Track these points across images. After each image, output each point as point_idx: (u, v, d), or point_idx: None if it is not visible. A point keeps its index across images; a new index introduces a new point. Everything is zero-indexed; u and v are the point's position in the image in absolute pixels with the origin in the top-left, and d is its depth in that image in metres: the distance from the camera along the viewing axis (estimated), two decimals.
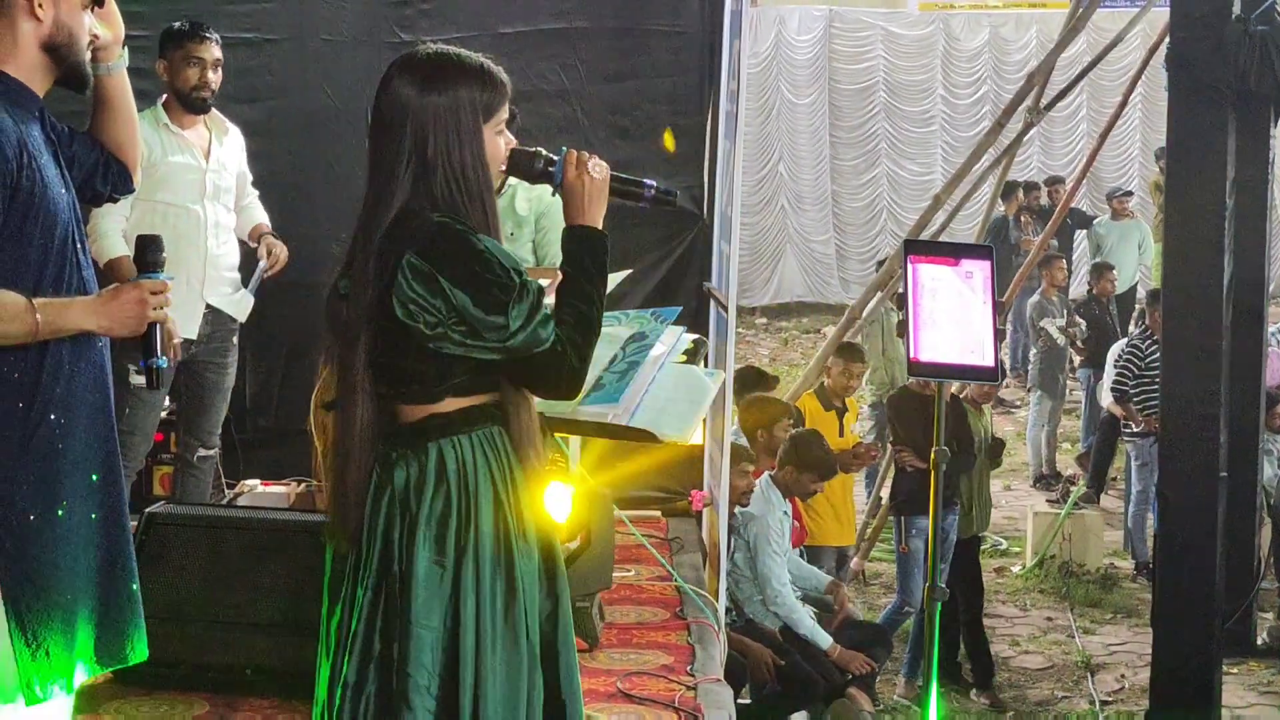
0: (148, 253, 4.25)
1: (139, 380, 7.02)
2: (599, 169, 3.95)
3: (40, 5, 3.96)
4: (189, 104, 7.14)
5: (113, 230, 6.93)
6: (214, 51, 7.17)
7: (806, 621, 8.64)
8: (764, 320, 21.99)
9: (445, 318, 3.69)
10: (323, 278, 7.95)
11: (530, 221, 7.37)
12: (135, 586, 4.24)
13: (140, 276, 4.18)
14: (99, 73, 4.25)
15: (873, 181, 23.19)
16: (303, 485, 8.16)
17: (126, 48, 4.37)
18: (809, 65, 22.91)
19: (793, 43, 22.79)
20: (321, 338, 4.04)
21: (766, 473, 8.88)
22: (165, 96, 7.22)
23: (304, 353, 8.25)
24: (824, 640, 8.66)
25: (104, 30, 4.20)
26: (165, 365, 4.38)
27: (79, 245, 4.13)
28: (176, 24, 7.23)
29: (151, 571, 5.66)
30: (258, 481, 8.11)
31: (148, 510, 6.02)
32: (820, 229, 23.12)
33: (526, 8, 8.87)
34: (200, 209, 7.17)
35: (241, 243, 7.47)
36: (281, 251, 7.36)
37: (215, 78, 7.19)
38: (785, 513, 8.82)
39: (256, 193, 7.56)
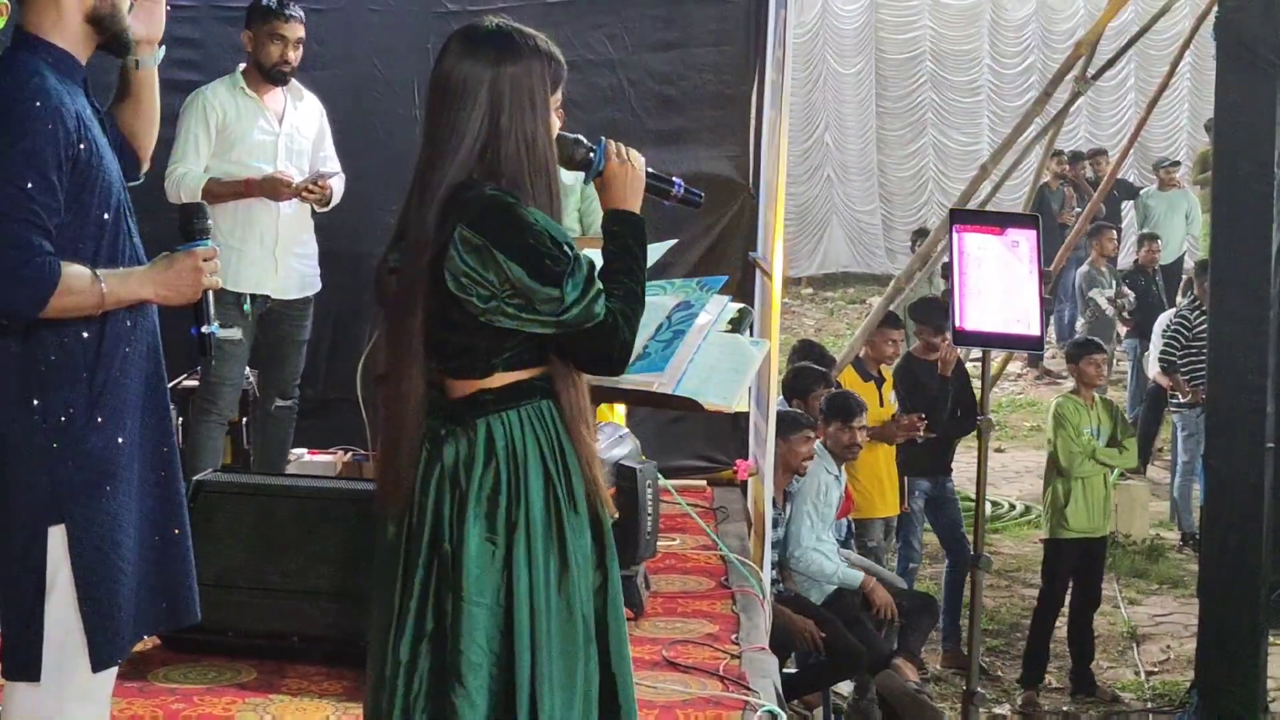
0: (194, 221, 4.27)
1: (222, 334, 7.12)
2: (638, 160, 3.99)
3: None
4: (269, 77, 7.34)
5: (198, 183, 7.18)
6: (297, 30, 7.35)
7: (829, 566, 8.61)
8: (810, 290, 21.98)
9: (499, 290, 3.70)
10: (369, 247, 8.08)
11: (575, 190, 7.40)
12: (189, 550, 4.28)
13: (187, 245, 4.20)
14: (129, 65, 4.28)
15: (919, 151, 23.14)
16: (350, 454, 8.21)
17: (163, 46, 4.39)
18: (855, 35, 22.85)
19: (839, 12, 22.73)
20: (371, 308, 4.05)
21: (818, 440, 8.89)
22: (245, 65, 7.36)
23: (351, 322, 8.28)
24: (854, 578, 8.66)
25: (140, 28, 4.22)
26: (217, 331, 4.39)
27: (129, 213, 4.16)
28: (267, 0, 7.34)
29: (200, 539, 5.63)
30: (305, 450, 8.16)
31: (196, 478, 6.05)
32: (866, 199, 23.09)
33: None
34: (273, 171, 7.27)
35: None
36: (330, 192, 7.46)
37: (296, 55, 7.39)
38: (835, 477, 8.82)
39: (339, 171, 7.62)
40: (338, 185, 7.55)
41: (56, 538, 3.99)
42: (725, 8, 8.90)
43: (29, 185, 3.84)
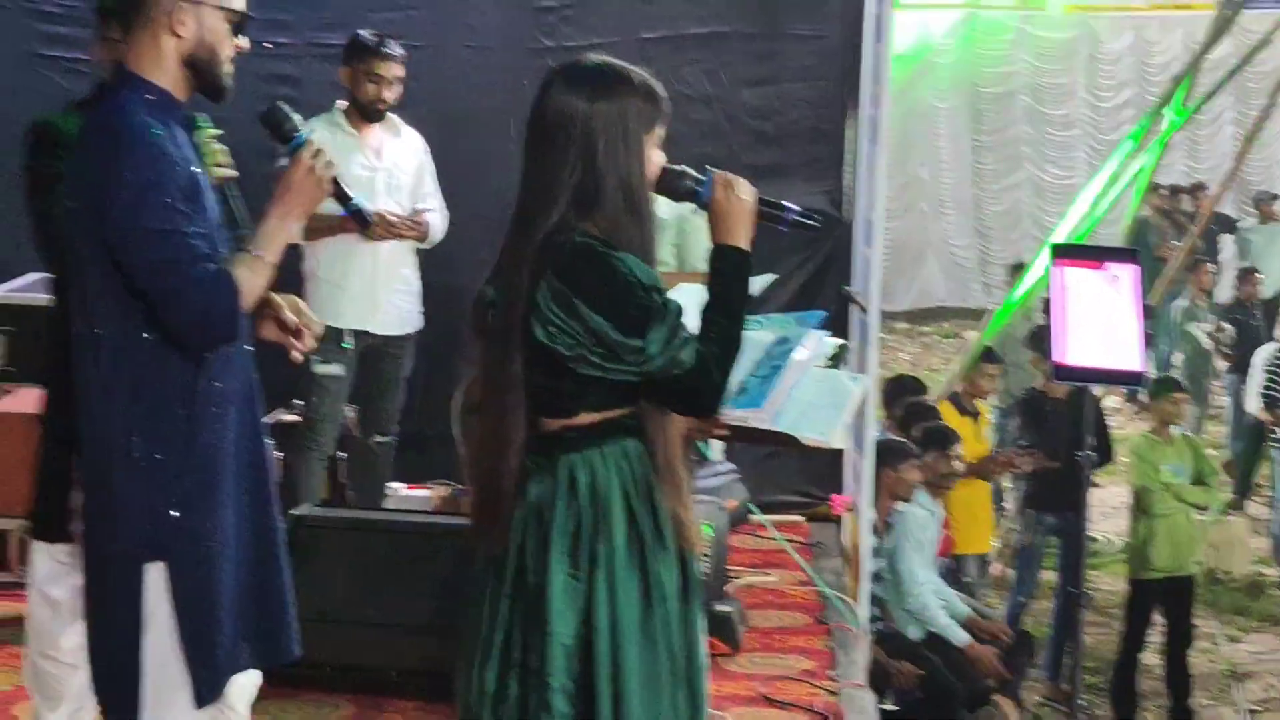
0: (282, 125, 4.24)
1: (322, 369, 7.20)
2: (746, 191, 3.95)
3: (182, 23, 4.02)
4: (365, 114, 7.36)
5: None
6: (395, 69, 7.39)
7: (941, 617, 8.58)
8: (905, 325, 21.89)
9: (583, 340, 3.69)
10: (463, 281, 8.05)
11: (672, 225, 7.39)
12: (287, 585, 4.30)
13: (289, 150, 4.21)
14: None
15: (1014, 186, 23.01)
16: (446, 488, 8.23)
17: None
18: (950, 69, 22.77)
19: (934, 46, 22.66)
20: (467, 344, 4.05)
21: None
22: (344, 101, 7.41)
23: (447, 357, 8.24)
24: (959, 637, 8.61)
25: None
26: (365, 204, 4.44)
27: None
28: (365, 34, 7.43)
29: (298, 573, 5.68)
30: (401, 485, 8.19)
31: (295, 513, 6.09)
32: (962, 233, 22.98)
33: (669, 13, 8.88)
34: (372, 207, 7.31)
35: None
36: (426, 229, 7.51)
37: (394, 93, 7.41)
38: (931, 513, 8.78)
39: (441, 205, 7.68)
40: (437, 221, 7.58)
41: (155, 575, 4.00)
42: (821, 43, 8.90)
43: (178, 220, 3.87)
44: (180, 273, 3.86)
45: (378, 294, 7.44)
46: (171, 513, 3.98)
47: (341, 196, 4.26)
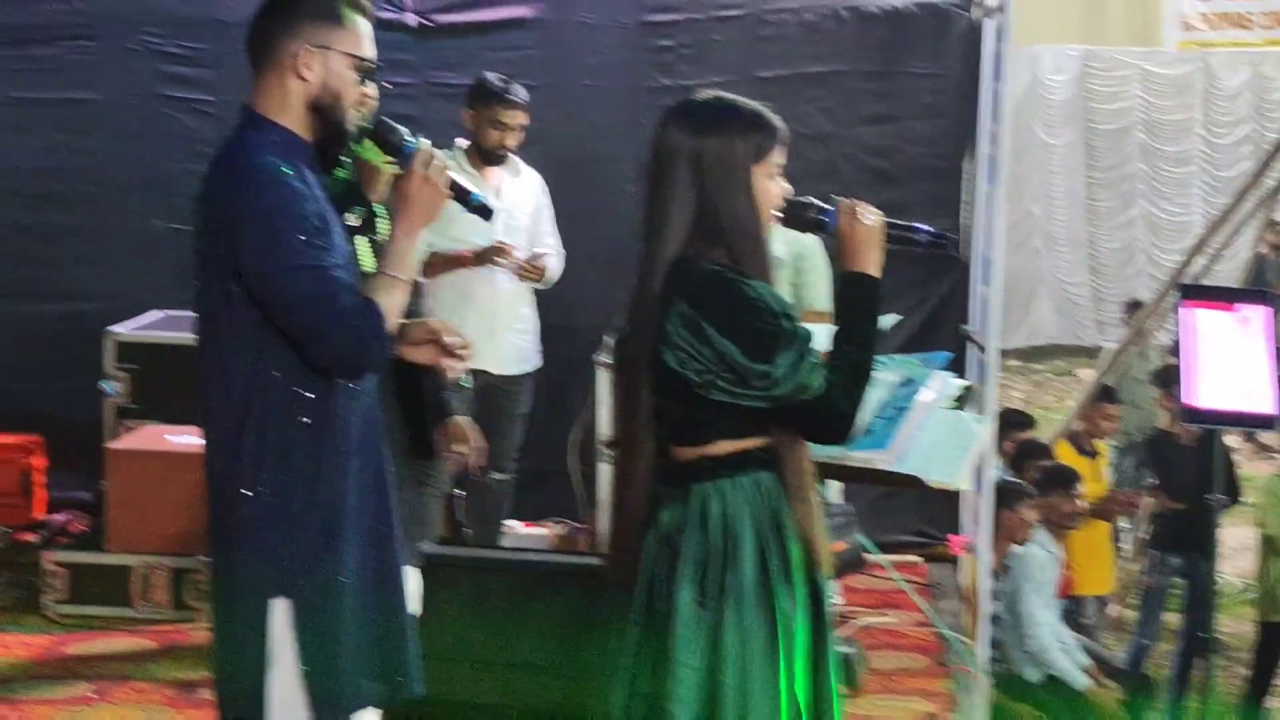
0: (389, 136, 4.20)
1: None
2: (872, 216, 3.93)
3: (308, 66, 4.05)
4: (487, 158, 7.39)
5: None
6: (519, 117, 7.40)
7: (1061, 660, 8.49)
8: (1017, 362, 21.73)
9: (713, 366, 3.71)
10: (581, 321, 8.17)
11: (788, 263, 7.37)
12: (409, 623, 4.30)
13: (401, 161, 4.18)
14: None
15: (1129, 223, 22.81)
16: (564, 526, 8.24)
17: None
18: (1064, 105, 22.61)
19: (1047, 82, 22.51)
20: (583, 382, 4.07)
21: None
22: (465, 141, 7.44)
23: (564, 395, 8.32)
24: (1079, 681, 8.51)
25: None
26: (486, 198, 4.36)
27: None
28: (491, 78, 7.42)
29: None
30: (519, 523, 8.20)
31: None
32: (1075, 271, 22.80)
33: (785, 51, 8.89)
34: (493, 243, 7.34)
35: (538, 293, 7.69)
36: (545, 270, 7.53)
37: (516, 139, 7.44)
38: (1051, 554, 8.69)
39: (558, 245, 7.71)
40: (554, 262, 7.60)
41: (280, 611, 4.03)
42: (938, 80, 8.89)
43: (315, 254, 3.89)
44: (326, 306, 3.88)
45: (497, 333, 7.46)
46: (295, 550, 4.01)
47: (461, 196, 4.24)
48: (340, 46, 4.06)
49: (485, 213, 4.32)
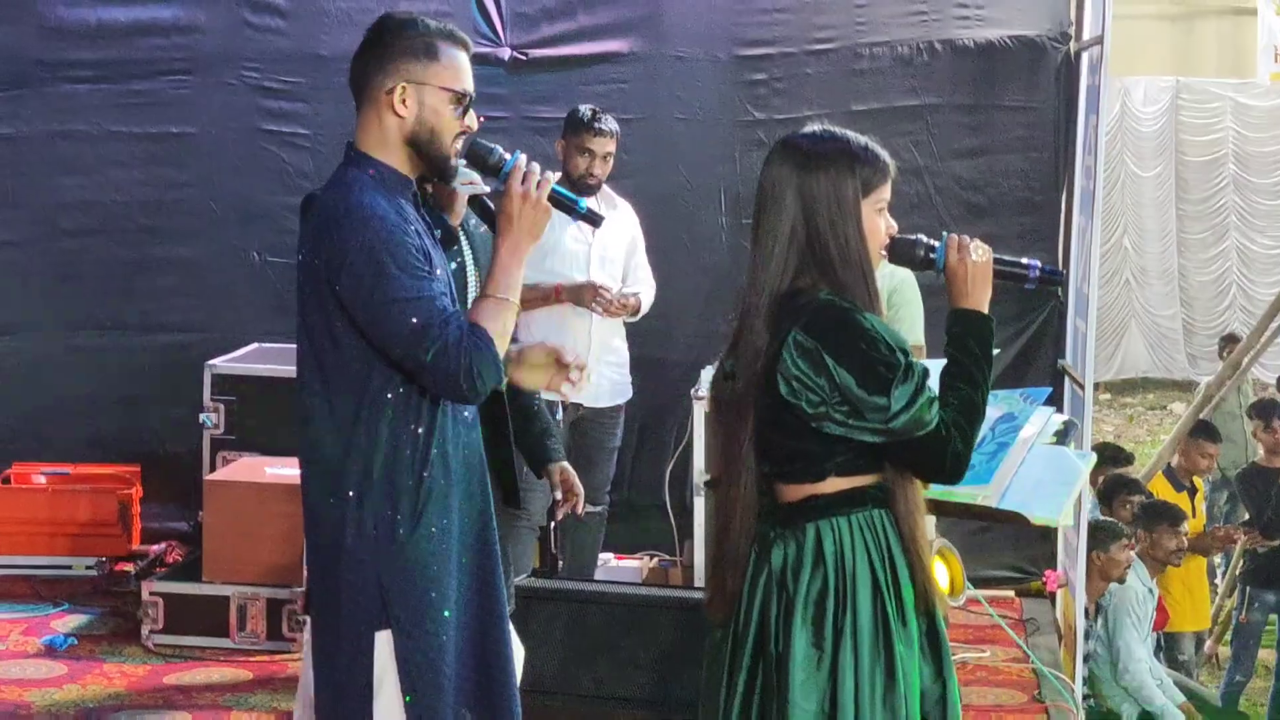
0: (487, 159, 4.19)
1: None
2: (981, 252, 3.92)
3: (404, 102, 4.08)
4: (575, 187, 7.39)
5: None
6: (606, 145, 7.41)
7: (1157, 697, 8.44)
8: (1108, 396, 21.61)
9: (828, 396, 3.69)
10: (675, 354, 8.20)
11: (882, 298, 7.36)
12: (509, 656, 4.29)
13: (499, 183, 4.18)
14: None
15: (1221, 255, 22.65)
16: (656, 559, 8.24)
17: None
18: (1155, 137, 22.49)
19: (1138, 114, 22.40)
20: (677, 415, 4.06)
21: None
22: (559, 174, 7.46)
23: (657, 428, 8.33)
24: (1175, 717, 8.45)
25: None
26: (590, 207, 4.32)
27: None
28: (583, 108, 7.46)
29: None
30: (612, 555, 8.21)
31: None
32: (1166, 303, 22.66)
33: (878, 85, 8.88)
34: (585, 279, 7.36)
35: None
36: (634, 303, 7.55)
37: (604, 168, 7.45)
38: (1150, 590, 8.64)
39: (649, 277, 7.74)
40: (647, 296, 7.62)
41: (383, 642, 4.05)
42: (1033, 114, 8.85)
43: (419, 286, 3.92)
44: (435, 335, 3.89)
45: (590, 365, 7.47)
46: (398, 581, 4.03)
47: (566, 207, 4.21)
48: (435, 81, 4.08)
49: (594, 220, 4.31)
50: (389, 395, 4.01)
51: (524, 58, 8.92)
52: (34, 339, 8.97)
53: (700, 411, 7.43)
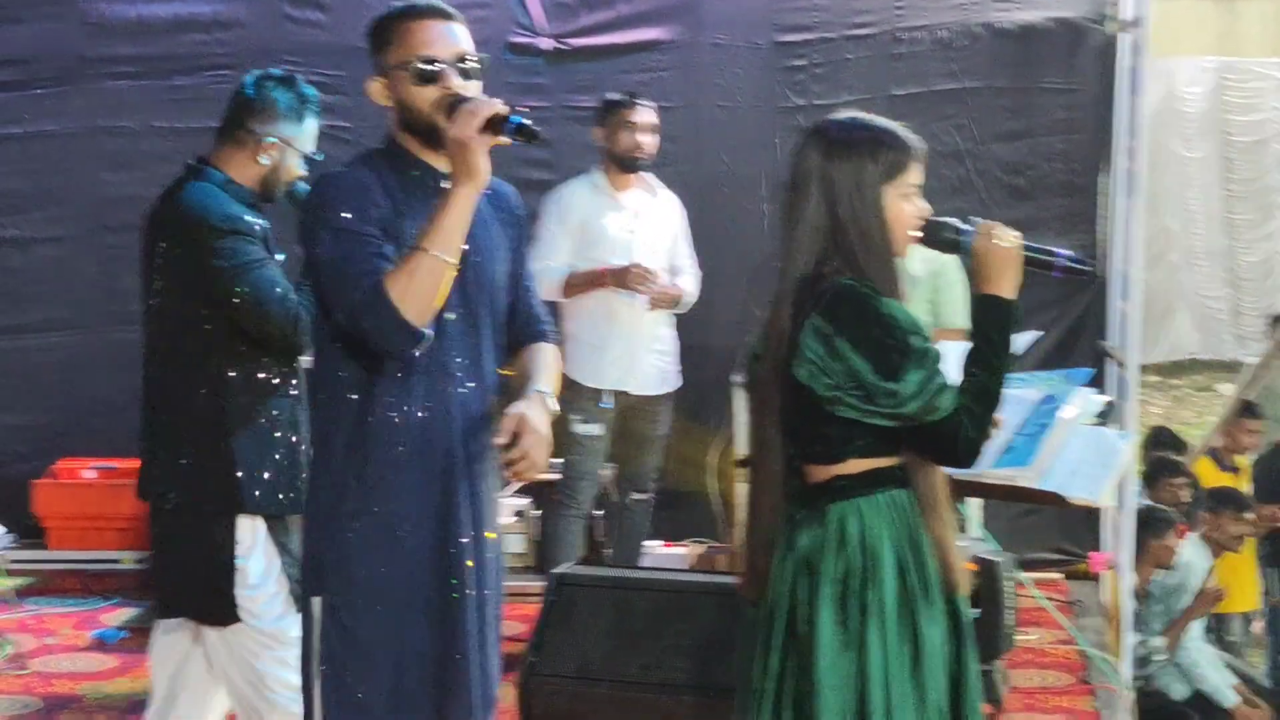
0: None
1: (582, 429, 7.31)
2: (1009, 238, 3.91)
3: (383, 96, 4.13)
4: (624, 166, 7.43)
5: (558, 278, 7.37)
6: (647, 116, 7.48)
7: (1212, 676, 8.42)
8: (1156, 378, 21.51)
9: (842, 381, 3.70)
10: (718, 341, 8.20)
11: (926, 281, 7.36)
12: (471, 651, 4.13)
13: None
14: None
15: (1270, 235, 22.50)
16: (703, 546, 8.25)
17: None
18: (1200, 118, 22.35)
19: (1182, 95, 22.26)
20: (722, 401, 4.07)
21: (1192, 533, 8.72)
22: (601, 163, 7.50)
23: (702, 415, 8.34)
24: (1228, 698, 8.43)
25: None
26: (524, 119, 3.90)
27: None
28: (616, 95, 7.56)
29: (559, 631, 5.81)
30: (659, 542, 8.23)
31: (555, 571, 6.15)
32: (1214, 285, 22.53)
33: (918, 69, 8.88)
34: (633, 264, 7.38)
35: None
36: (677, 294, 7.56)
37: (650, 141, 7.49)
38: (1208, 569, 8.62)
39: (694, 266, 7.77)
40: (691, 285, 7.63)
41: (317, 609, 4.08)
42: (1074, 96, 8.84)
43: (354, 223, 3.98)
44: (345, 268, 3.95)
45: (637, 354, 7.51)
46: (332, 552, 4.06)
47: (495, 126, 3.86)
48: (393, 63, 4.08)
49: (528, 133, 3.90)
50: (327, 370, 4.13)
51: (565, 47, 8.95)
52: (80, 335, 9.03)
53: (740, 397, 7.43)
